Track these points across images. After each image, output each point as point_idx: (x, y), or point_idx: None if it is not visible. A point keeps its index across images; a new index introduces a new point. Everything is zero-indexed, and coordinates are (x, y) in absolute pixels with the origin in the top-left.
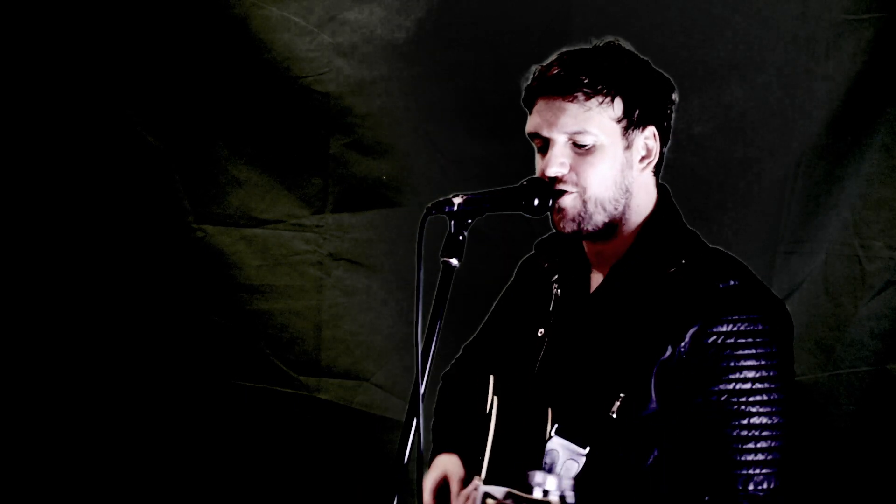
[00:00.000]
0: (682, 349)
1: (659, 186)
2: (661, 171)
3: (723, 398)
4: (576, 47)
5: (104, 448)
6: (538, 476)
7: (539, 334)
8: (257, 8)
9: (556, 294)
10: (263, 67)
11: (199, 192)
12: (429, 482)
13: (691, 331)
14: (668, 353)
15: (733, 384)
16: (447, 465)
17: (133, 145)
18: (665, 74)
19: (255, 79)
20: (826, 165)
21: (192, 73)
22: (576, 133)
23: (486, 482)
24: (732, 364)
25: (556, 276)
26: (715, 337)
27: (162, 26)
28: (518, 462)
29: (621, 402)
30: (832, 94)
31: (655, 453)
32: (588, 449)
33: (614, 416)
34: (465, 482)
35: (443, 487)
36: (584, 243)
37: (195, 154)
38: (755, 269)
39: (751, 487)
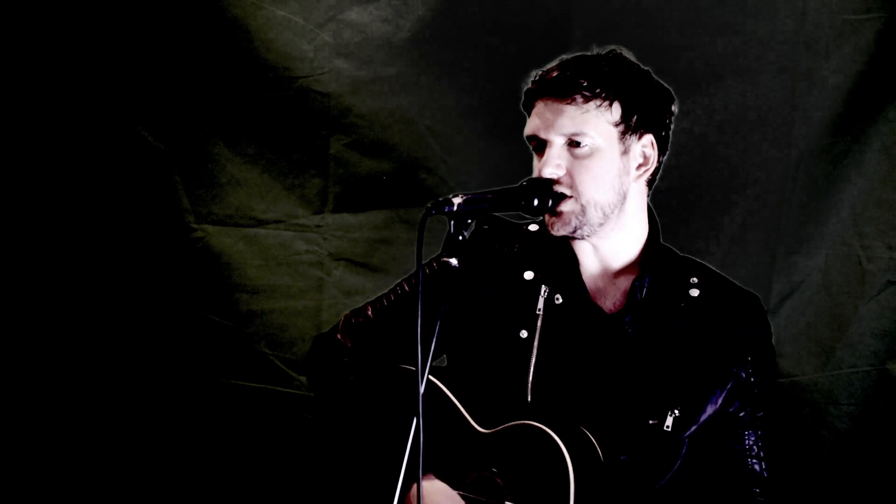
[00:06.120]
0: (746, 371)
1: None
2: (656, 182)
3: (755, 403)
4: (577, 54)
5: (103, 448)
6: None
7: (522, 336)
8: (257, 8)
9: (552, 298)
10: (263, 67)
11: (199, 192)
12: None
13: (750, 356)
14: (734, 377)
15: (764, 391)
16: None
17: (133, 145)
18: (665, 84)
19: (256, 79)
20: (826, 165)
21: (193, 73)
22: (573, 135)
23: None
24: (765, 378)
25: (534, 274)
26: (757, 357)
27: (162, 26)
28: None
29: (676, 416)
30: (832, 94)
31: (680, 460)
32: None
33: (668, 429)
34: None
35: None
36: (573, 243)
37: (195, 154)
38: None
39: (760, 473)
